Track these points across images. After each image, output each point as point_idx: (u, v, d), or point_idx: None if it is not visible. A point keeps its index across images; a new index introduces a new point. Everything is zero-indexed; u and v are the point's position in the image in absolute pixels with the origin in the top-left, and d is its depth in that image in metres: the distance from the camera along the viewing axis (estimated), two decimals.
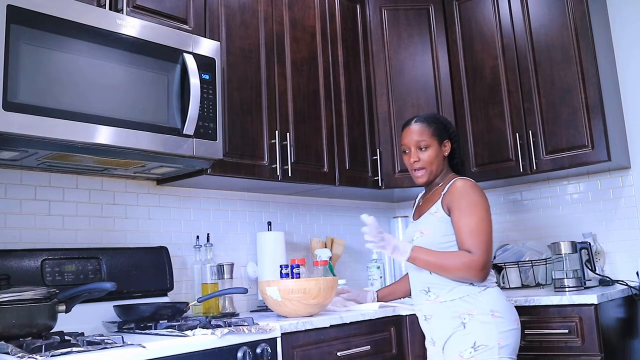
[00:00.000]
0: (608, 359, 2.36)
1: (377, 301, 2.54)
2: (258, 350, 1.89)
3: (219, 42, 2.30)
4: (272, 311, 2.47)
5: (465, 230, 1.99)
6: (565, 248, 2.79)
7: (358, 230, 3.52)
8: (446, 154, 2.19)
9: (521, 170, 2.96)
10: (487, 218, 2.02)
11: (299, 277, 2.47)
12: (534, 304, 2.45)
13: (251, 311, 2.71)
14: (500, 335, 1.94)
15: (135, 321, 2.03)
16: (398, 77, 3.24)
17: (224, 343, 1.79)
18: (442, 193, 2.10)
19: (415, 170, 2.18)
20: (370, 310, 2.41)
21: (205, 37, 2.36)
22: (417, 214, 2.23)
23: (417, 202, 2.33)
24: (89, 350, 1.51)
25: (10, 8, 1.70)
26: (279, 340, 1.99)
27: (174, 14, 2.29)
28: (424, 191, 2.31)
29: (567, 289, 2.67)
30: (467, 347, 1.95)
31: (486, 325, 1.95)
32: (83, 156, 1.96)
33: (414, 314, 2.53)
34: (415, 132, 2.16)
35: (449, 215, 2.05)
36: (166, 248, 2.43)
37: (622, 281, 2.81)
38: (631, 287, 2.74)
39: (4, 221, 2.08)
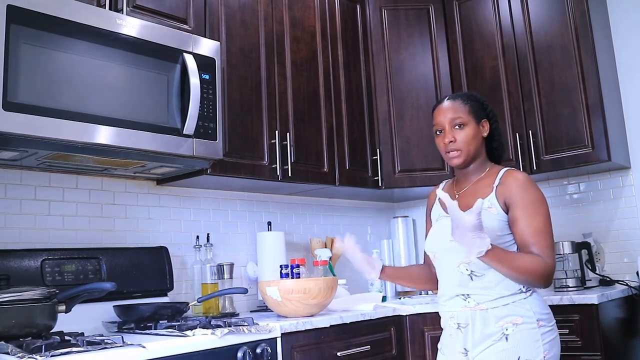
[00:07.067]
0: (608, 359, 2.36)
1: (382, 273, 2.10)
2: (258, 351, 1.89)
3: (219, 42, 2.30)
4: (272, 311, 2.47)
5: (530, 230, 1.76)
6: (565, 248, 2.80)
7: (358, 230, 3.55)
8: (485, 134, 1.93)
9: (521, 170, 2.95)
10: (550, 218, 1.80)
11: (299, 277, 2.47)
12: None
13: (251, 311, 2.71)
14: (546, 346, 1.75)
15: (135, 321, 2.03)
16: (398, 77, 3.24)
17: (224, 343, 1.79)
18: (494, 185, 1.84)
19: (449, 152, 1.91)
20: (370, 310, 2.41)
21: (205, 37, 2.36)
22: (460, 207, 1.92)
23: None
24: (89, 350, 1.51)
25: (10, 8, 1.70)
26: (279, 341, 1.99)
27: (174, 14, 2.29)
28: (447, 182, 2.06)
29: (567, 289, 2.67)
30: None
31: (532, 338, 1.74)
32: (83, 156, 1.96)
33: (414, 314, 2.53)
34: (450, 109, 1.91)
35: (506, 212, 1.80)
36: (166, 248, 2.43)
37: (622, 281, 2.81)
38: (631, 287, 2.74)
39: (4, 221, 2.08)
